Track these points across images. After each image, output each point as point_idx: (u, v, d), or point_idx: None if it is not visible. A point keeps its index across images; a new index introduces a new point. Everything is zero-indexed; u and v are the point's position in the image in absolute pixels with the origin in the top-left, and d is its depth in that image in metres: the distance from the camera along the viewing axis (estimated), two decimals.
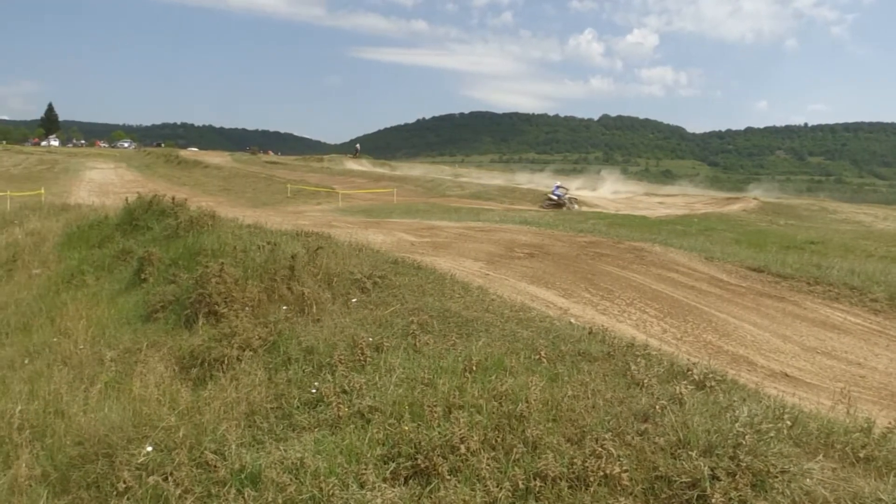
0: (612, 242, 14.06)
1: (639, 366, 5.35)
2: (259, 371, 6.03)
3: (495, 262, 11.49)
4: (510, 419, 4.47)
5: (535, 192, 46.63)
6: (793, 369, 7.31)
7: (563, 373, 5.30)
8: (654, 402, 4.51)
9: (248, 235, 10.65)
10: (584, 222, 20.77)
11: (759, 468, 3.71)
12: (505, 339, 6.27)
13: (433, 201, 36.39)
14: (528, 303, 8.19)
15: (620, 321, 8.39)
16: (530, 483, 3.86)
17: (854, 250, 19.98)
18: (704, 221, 27.90)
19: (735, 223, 28.49)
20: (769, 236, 22.85)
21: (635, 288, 10.04)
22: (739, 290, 10.55)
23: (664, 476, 3.82)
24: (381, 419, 4.70)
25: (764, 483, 3.66)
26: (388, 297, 7.79)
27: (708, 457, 3.83)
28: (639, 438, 4.13)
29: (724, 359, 7.35)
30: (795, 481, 3.67)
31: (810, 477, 3.71)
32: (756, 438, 3.90)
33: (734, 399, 4.66)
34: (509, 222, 18.82)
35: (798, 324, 8.98)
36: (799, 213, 39.85)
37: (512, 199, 41.15)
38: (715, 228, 24.38)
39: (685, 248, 13.55)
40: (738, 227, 26.53)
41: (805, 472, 3.74)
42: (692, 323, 8.60)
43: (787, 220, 33.39)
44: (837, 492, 3.61)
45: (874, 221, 37.61)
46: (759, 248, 16.74)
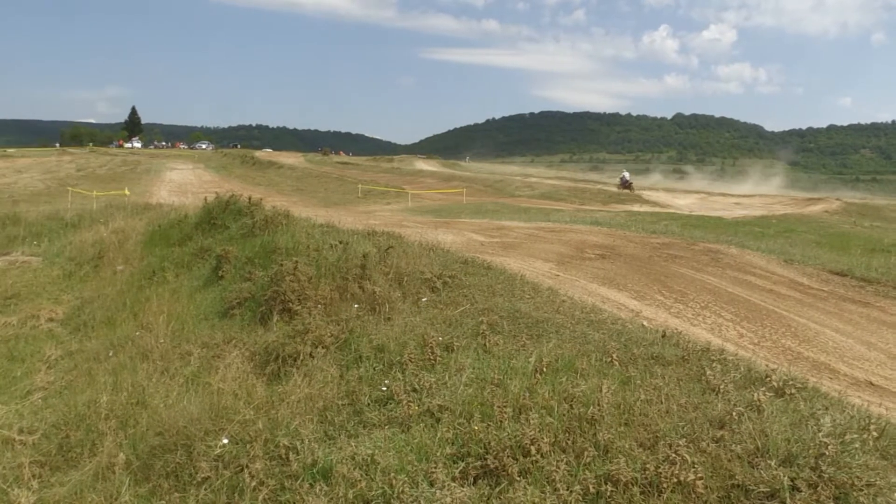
0: (686, 244, 13.75)
1: (714, 371, 5.22)
2: (331, 368, 6.14)
3: (565, 262, 11.38)
4: (581, 422, 4.42)
5: (605, 192, 46.06)
6: (878, 378, 6.99)
7: (635, 376, 5.21)
8: (730, 408, 4.39)
9: (321, 235, 10.86)
10: (656, 223, 20.35)
11: (842, 480, 3.57)
12: (576, 340, 6.21)
13: (502, 201, 36.30)
14: (599, 304, 8.09)
15: (695, 325, 8.19)
16: (601, 487, 3.81)
17: None
18: (783, 223, 26.97)
19: (816, 225, 27.45)
20: (853, 239, 21.92)
21: (710, 291, 9.78)
22: (821, 294, 10.17)
23: (741, 485, 3.72)
24: (450, 418, 4.72)
25: (848, 496, 3.53)
26: (458, 296, 7.81)
27: (788, 467, 3.71)
28: (714, 445, 4.02)
29: (804, 365, 7.09)
30: (882, 495, 3.52)
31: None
32: (840, 449, 3.76)
33: (816, 407, 4.50)
34: (579, 223, 18.62)
35: (884, 330, 8.59)
36: (885, 215, 38.13)
37: (582, 200, 40.72)
38: (794, 230, 23.55)
39: (763, 250, 13.16)
40: (820, 229, 25.54)
41: (892, 486, 3.59)
42: (770, 328, 8.33)
43: (872, 223, 31.95)
44: None
45: None
46: (841, 251, 16.11)
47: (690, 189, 60.63)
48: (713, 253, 12.70)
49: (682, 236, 15.29)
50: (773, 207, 40.30)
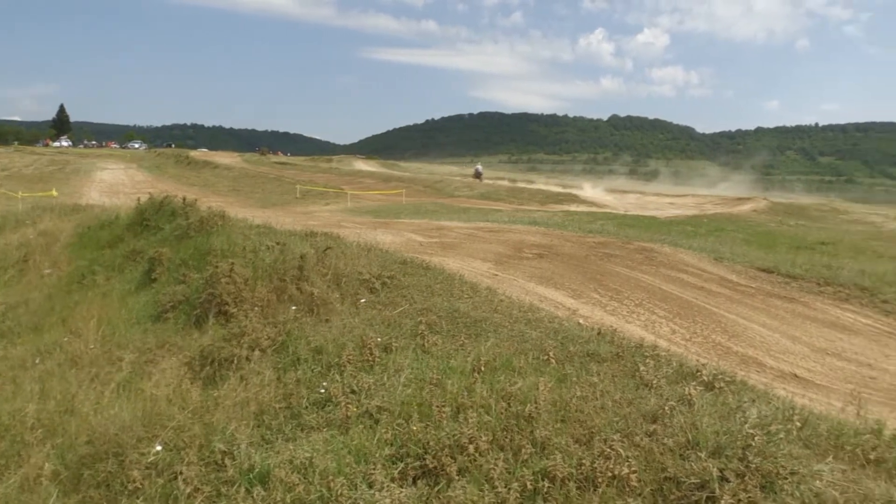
0: (622, 243, 14.02)
1: (648, 367, 5.35)
2: (268, 371, 6.05)
3: (504, 262, 11.48)
4: (519, 420, 4.47)
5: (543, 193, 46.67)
6: (802, 370, 7.28)
7: (571, 374, 5.30)
8: (662, 402, 4.51)
9: (258, 236, 10.70)
10: (593, 223, 20.72)
11: (768, 469, 3.70)
12: (514, 339, 6.28)
13: (442, 202, 36.38)
14: (536, 303, 8.19)
15: (629, 322, 8.37)
16: (538, 483, 3.86)
17: (865, 251, 19.89)
18: (714, 222, 27.79)
19: (745, 224, 28.38)
20: (779, 237, 22.77)
21: (644, 289, 10.01)
22: (749, 290, 10.51)
23: (673, 477, 3.82)
24: (389, 419, 4.72)
25: (773, 484, 3.65)
26: (396, 297, 7.81)
27: (717, 458, 3.83)
28: (647, 439, 4.13)
29: (733, 360, 7.33)
30: (805, 483, 3.66)
31: (820, 479, 3.70)
32: (766, 440, 3.89)
33: (744, 400, 4.66)
34: (518, 223, 18.78)
35: (808, 325, 8.94)
36: (809, 214, 39.70)
37: (521, 200, 41.12)
38: (724, 229, 24.29)
39: (695, 248, 13.52)
40: (748, 227, 26.42)
41: (815, 473, 3.73)
42: (701, 324, 8.57)
43: (797, 221, 33.25)
44: (847, 493, 3.60)
45: (885, 222, 37.43)
46: (768, 249, 16.69)
47: (626, 189, 61.86)
48: (647, 251, 12.99)
49: (617, 235, 15.58)
50: (705, 207, 41.48)
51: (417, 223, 19.28)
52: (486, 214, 24.45)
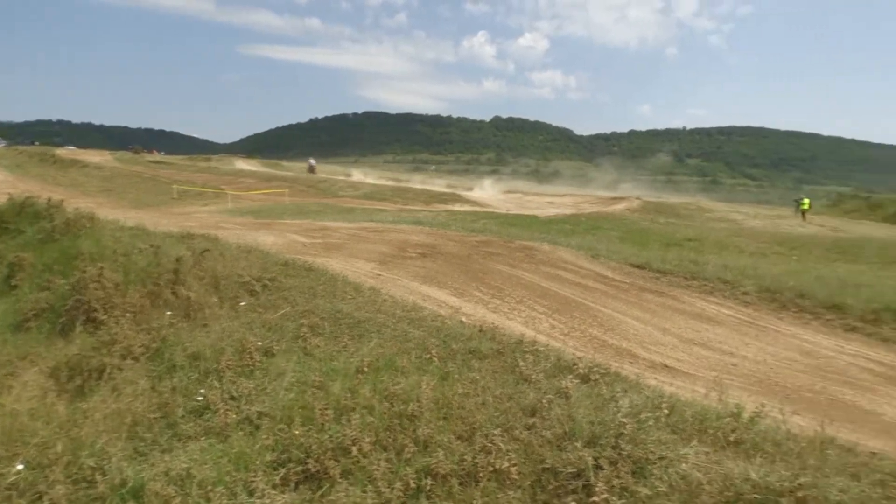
0: (503, 242, 14.32)
1: (527, 362, 5.49)
2: (142, 380, 5.79)
3: (388, 262, 11.49)
4: (402, 419, 4.49)
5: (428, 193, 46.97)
6: (672, 360, 7.67)
7: (453, 371, 5.37)
8: (541, 396, 4.65)
9: (130, 238, 10.22)
10: (475, 222, 21.05)
11: (639, 456, 3.89)
12: (397, 339, 6.29)
13: (326, 202, 35.96)
14: (420, 302, 8.25)
15: (510, 319, 8.57)
16: (421, 481, 3.89)
17: (728, 247, 21.23)
18: (591, 220, 28.84)
19: (619, 222, 29.62)
20: (651, 234, 23.91)
21: (525, 286, 10.27)
22: (623, 286, 10.98)
23: (551, 468, 3.94)
24: (270, 424, 4.62)
25: (644, 469, 3.84)
26: (278, 299, 7.66)
27: (592, 447, 3.98)
28: (527, 433, 4.24)
29: (608, 352, 7.64)
30: (672, 466, 3.86)
31: (686, 461, 3.91)
32: (637, 427, 4.09)
33: (617, 391, 4.87)
34: (402, 223, 18.84)
35: (677, 317, 9.44)
36: (679, 213, 41.87)
37: (405, 200, 41.24)
38: (601, 227, 25.27)
39: (573, 246, 13.98)
40: (623, 225, 27.60)
41: (681, 457, 3.94)
42: (579, 319, 8.89)
43: (667, 219, 35.01)
44: (710, 474, 3.83)
45: (745, 219, 40.08)
46: (641, 246, 17.47)
47: (508, 189, 63.21)
48: (528, 250, 13.33)
49: (499, 234, 15.91)
50: (582, 206, 43.00)
51: (300, 224, 18.97)
52: (370, 214, 24.37)
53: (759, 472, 3.77)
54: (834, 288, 10.64)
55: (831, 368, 7.77)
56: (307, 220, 20.65)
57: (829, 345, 8.61)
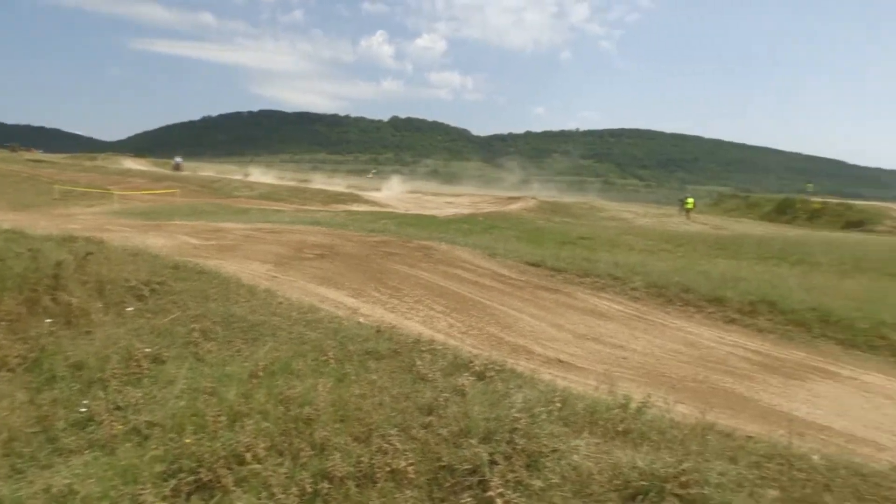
0: (402, 241, 14.35)
1: (424, 361, 5.53)
2: (18, 392, 5.44)
3: (284, 263, 11.30)
4: (298, 423, 4.42)
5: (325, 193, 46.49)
6: (566, 355, 7.89)
7: (350, 373, 5.33)
8: (437, 395, 4.68)
9: (5, 242, 9.59)
10: (374, 222, 20.99)
11: (533, 449, 3.97)
12: (292, 342, 6.19)
13: (220, 202, 34.98)
14: (316, 304, 8.15)
15: (408, 318, 8.59)
16: (318, 485, 3.84)
17: (618, 244, 22.03)
18: (488, 220, 29.30)
19: (516, 221, 30.24)
20: (546, 233, 24.52)
21: (423, 285, 10.33)
22: (519, 283, 11.21)
23: (447, 465, 3.97)
24: (160, 434, 4.44)
25: (537, 462, 3.93)
26: (167, 304, 7.39)
27: (487, 443, 4.04)
28: (424, 431, 4.26)
29: (505, 349, 7.78)
30: (565, 458, 3.97)
31: (577, 453, 4.03)
32: (530, 422, 4.18)
33: (511, 387, 4.96)
34: (300, 223, 18.57)
35: (570, 313, 9.72)
36: (573, 212, 43.16)
37: (303, 200, 40.66)
38: (498, 227, 25.70)
39: (470, 245, 14.17)
40: (519, 224, 28.17)
41: (573, 448, 4.06)
42: (476, 317, 9.01)
43: (562, 218, 36.04)
44: (600, 464, 3.96)
45: (635, 218, 41.75)
46: (537, 245, 17.89)
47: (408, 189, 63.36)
48: (426, 249, 13.41)
49: (398, 234, 15.94)
50: (480, 206, 43.65)
51: (192, 225, 18.37)
52: (266, 215, 23.90)
53: (645, 460, 3.93)
54: (715, 282, 11.23)
55: (713, 358, 8.20)
56: (200, 222, 20.02)
57: (711, 336, 9.07)
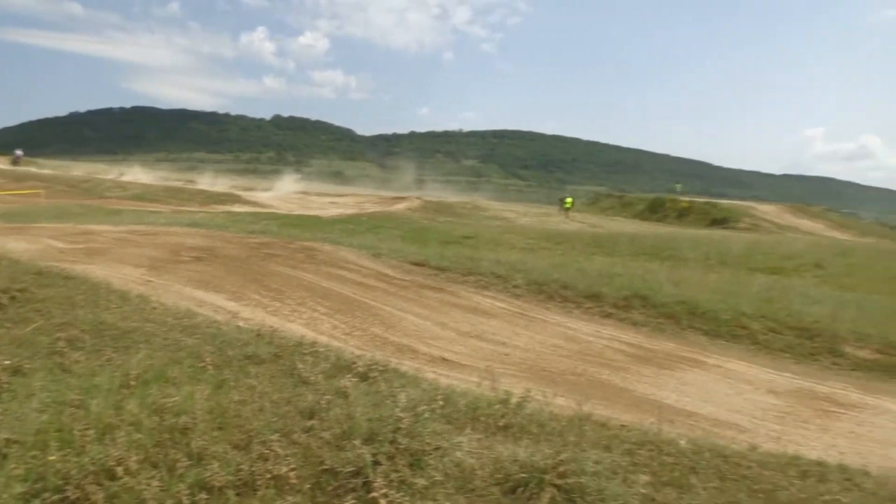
0: (284, 243, 14.08)
1: (306, 364, 5.45)
2: None
3: (159, 267, 10.84)
4: (173, 433, 4.24)
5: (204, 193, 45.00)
6: (450, 353, 7.99)
7: (229, 378, 5.18)
8: (319, 397, 4.62)
9: None
10: (256, 223, 20.48)
11: (416, 448, 3.99)
12: (168, 348, 5.95)
13: (90, 203, 33.12)
14: (194, 309, 7.88)
15: (291, 321, 8.45)
16: (195, 496, 3.71)
17: (501, 243, 22.49)
18: (373, 220, 29.22)
19: (401, 221, 30.30)
20: (430, 233, 24.69)
21: (306, 287, 10.18)
22: (403, 283, 11.25)
23: (330, 469, 3.92)
24: (20, 452, 4.15)
25: (421, 461, 3.95)
26: (29, 312, 6.93)
27: (370, 444, 4.02)
28: (305, 436, 4.19)
29: (390, 349, 7.79)
30: (447, 455, 4.02)
31: (460, 449, 4.09)
32: (413, 421, 4.19)
33: (395, 386, 4.97)
34: (176, 225, 17.86)
35: (454, 311, 9.84)
36: (457, 211, 43.73)
37: (180, 200, 39.15)
38: (382, 227, 25.66)
39: (354, 246, 14.08)
40: (404, 224, 28.24)
41: (455, 445, 4.12)
42: (360, 318, 8.97)
43: (446, 218, 36.43)
44: (482, 459, 4.04)
45: (517, 217, 42.80)
46: (421, 244, 17.99)
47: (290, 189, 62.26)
48: (309, 250, 13.22)
49: (280, 235, 15.63)
50: (364, 206, 43.50)
51: (59, 227, 17.30)
52: (141, 217, 22.83)
53: (525, 453, 4.04)
54: (592, 279, 11.66)
55: (590, 352, 8.52)
56: (67, 224, 18.88)
57: (589, 330, 9.43)
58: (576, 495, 3.66)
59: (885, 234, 54.93)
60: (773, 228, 48.20)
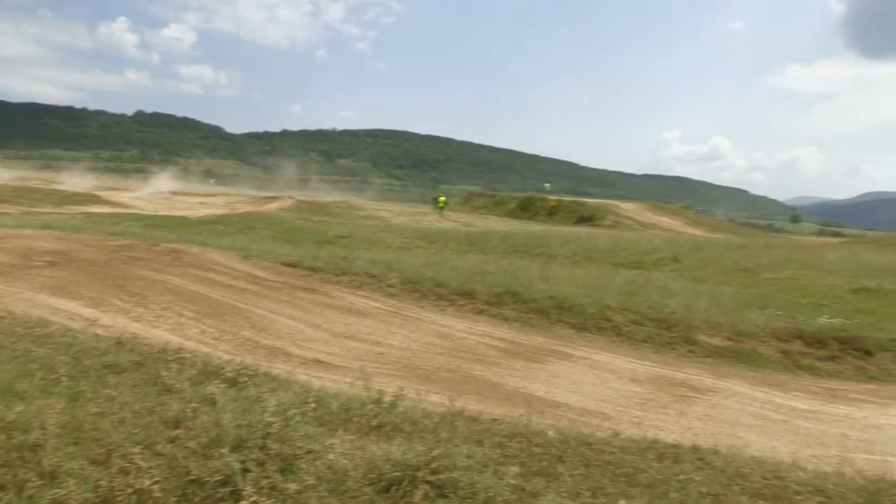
0: (148, 245, 13.45)
1: (171, 371, 5.22)
2: None
3: (7, 273, 10.08)
4: (22, 451, 3.95)
5: (59, 193, 42.35)
6: (324, 355, 7.91)
7: (86, 390, 4.88)
8: (185, 406, 4.44)
9: None
10: (116, 225, 19.46)
11: (287, 453, 3.91)
12: (17, 360, 5.54)
13: None
14: (47, 317, 7.40)
15: (155, 327, 8.09)
16: None
17: (376, 243, 22.47)
18: (244, 220, 28.46)
19: (273, 221, 29.66)
20: (304, 233, 24.33)
21: (172, 291, 9.77)
22: (276, 285, 11.02)
23: (197, 479, 3.78)
24: None
25: (292, 466, 3.88)
26: None
27: (239, 451, 3.91)
28: (170, 446, 4.02)
29: (261, 353, 7.61)
30: (320, 458, 3.96)
31: (333, 451, 4.04)
32: (284, 425, 4.12)
33: (265, 391, 4.86)
34: (27, 227, 16.63)
35: (328, 312, 9.74)
36: (330, 211, 43.32)
37: (32, 201, 36.54)
38: (254, 227, 25.04)
39: (224, 247, 13.66)
40: (276, 224, 27.67)
41: (328, 448, 4.06)
42: (231, 321, 8.71)
43: (320, 218, 35.96)
44: (355, 460, 4.01)
45: (391, 216, 42.91)
46: (294, 245, 17.69)
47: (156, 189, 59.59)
48: (175, 252, 12.70)
49: (143, 237, 14.92)
50: (235, 206, 42.29)
51: None
52: None
53: (398, 451, 4.04)
54: (465, 276, 11.86)
55: (464, 348, 8.67)
56: None
57: (462, 327, 9.59)
58: (448, 490, 3.71)
59: (734, 230, 59.19)
60: (634, 225, 50.75)
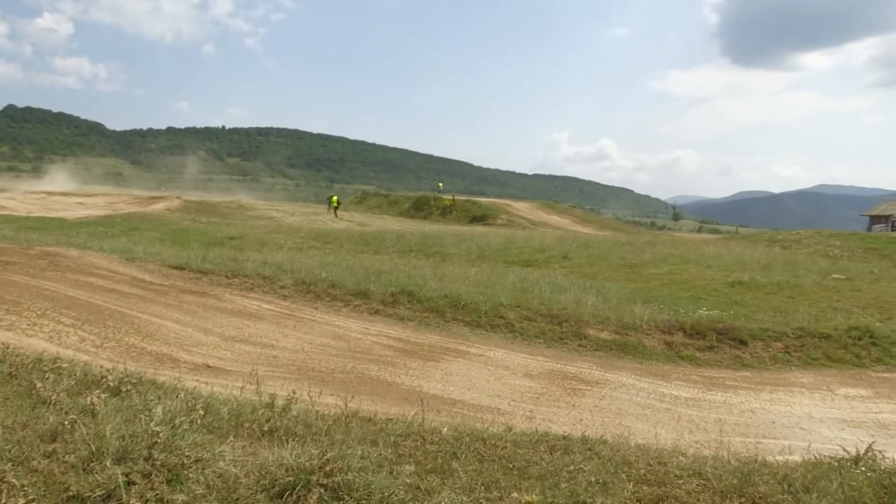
0: (21, 249, 12.66)
1: (47, 382, 4.93)
2: None
3: None
4: None
5: None
6: (214, 359, 7.69)
7: None
8: (63, 418, 4.21)
9: None
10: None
11: (174, 463, 3.77)
12: None
13: None
14: None
15: (30, 335, 7.63)
16: None
17: (268, 243, 22.01)
18: (128, 222, 27.27)
19: (159, 222, 28.55)
20: (192, 234, 23.54)
21: (48, 297, 9.23)
22: (162, 289, 10.61)
23: (77, 495, 3.59)
24: None
25: (180, 476, 3.74)
26: None
27: (123, 463, 3.74)
28: (46, 461, 3.80)
29: (147, 360, 7.32)
30: (209, 466, 3.84)
31: (223, 459, 3.93)
32: (171, 434, 3.96)
33: (150, 399, 4.67)
34: None
35: (218, 316, 9.47)
36: (220, 211, 42.05)
37: None
38: (139, 228, 24.06)
39: (105, 250, 13.05)
40: (162, 226, 26.65)
41: (217, 455, 3.95)
42: (113, 328, 8.33)
43: (209, 218, 34.86)
44: (247, 466, 3.92)
45: (284, 217, 42.09)
46: (182, 246, 17.11)
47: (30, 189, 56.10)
48: (52, 256, 12.00)
49: (16, 241, 14.02)
50: (118, 206, 40.33)
51: None
52: None
53: (292, 455, 3.97)
54: (360, 277, 11.81)
55: (360, 349, 8.63)
56: None
57: (357, 328, 9.54)
58: (343, 492, 3.68)
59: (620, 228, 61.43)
60: (526, 224, 51.86)
